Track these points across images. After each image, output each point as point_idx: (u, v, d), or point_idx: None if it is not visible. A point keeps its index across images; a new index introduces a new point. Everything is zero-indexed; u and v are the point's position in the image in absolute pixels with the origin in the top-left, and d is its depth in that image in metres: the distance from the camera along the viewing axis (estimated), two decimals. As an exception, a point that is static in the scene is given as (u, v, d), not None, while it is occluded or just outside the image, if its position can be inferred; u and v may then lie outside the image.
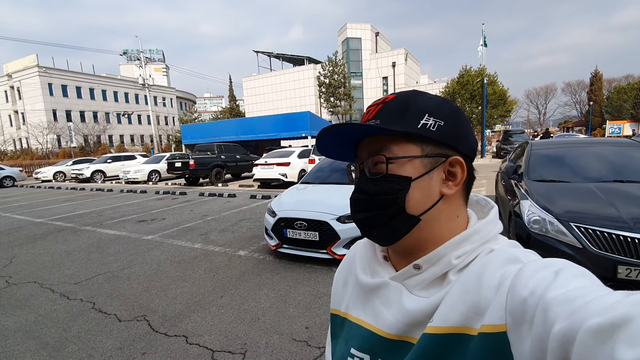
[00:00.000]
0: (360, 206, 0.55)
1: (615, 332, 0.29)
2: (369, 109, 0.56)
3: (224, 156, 14.43)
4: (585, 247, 2.65)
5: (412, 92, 0.55)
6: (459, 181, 0.53)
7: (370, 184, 0.54)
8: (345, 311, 0.63)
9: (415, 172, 0.52)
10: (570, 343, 0.32)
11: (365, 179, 0.55)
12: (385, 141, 0.53)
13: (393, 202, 0.51)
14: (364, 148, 0.56)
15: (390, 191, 0.52)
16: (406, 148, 0.52)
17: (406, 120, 0.52)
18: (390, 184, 0.52)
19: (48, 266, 4.62)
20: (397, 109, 0.53)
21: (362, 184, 0.55)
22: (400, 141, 0.52)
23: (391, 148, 0.52)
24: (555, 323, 0.34)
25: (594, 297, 0.34)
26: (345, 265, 0.70)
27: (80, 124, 40.07)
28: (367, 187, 0.54)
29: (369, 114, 0.55)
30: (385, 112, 0.53)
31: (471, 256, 0.50)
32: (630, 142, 4.16)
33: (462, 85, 26.50)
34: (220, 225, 6.54)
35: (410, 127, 0.51)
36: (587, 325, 0.31)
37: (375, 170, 0.53)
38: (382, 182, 0.52)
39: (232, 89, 47.90)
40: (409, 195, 0.51)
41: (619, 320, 0.29)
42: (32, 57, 41.24)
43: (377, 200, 0.53)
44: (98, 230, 6.65)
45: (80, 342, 2.71)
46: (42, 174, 20.15)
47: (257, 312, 3.05)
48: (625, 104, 39.36)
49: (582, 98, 58.40)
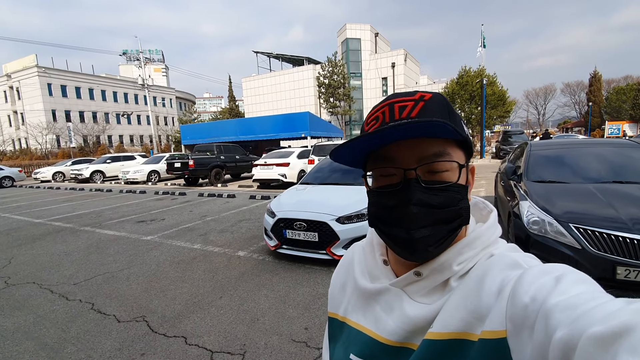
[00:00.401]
0: (423, 221, 0.48)
1: (618, 341, 0.29)
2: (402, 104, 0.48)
3: (224, 156, 14.43)
4: (584, 248, 2.65)
5: (441, 95, 0.51)
6: (471, 187, 0.54)
7: (430, 194, 0.48)
8: (344, 315, 0.62)
9: (465, 180, 0.51)
10: (571, 350, 0.32)
11: (421, 189, 0.48)
12: (443, 145, 0.48)
13: (458, 213, 0.48)
14: (409, 151, 0.48)
15: (454, 202, 0.48)
16: (459, 154, 0.50)
17: (457, 125, 0.48)
18: (453, 194, 0.48)
19: (47, 267, 4.61)
20: (444, 110, 0.49)
21: (420, 195, 0.48)
22: (453, 146, 0.49)
23: (450, 153, 0.48)
24: (556, 330, 0.34)
25: (595, 304, 0.34)
26: (343, 267, 0.68)
27: (79, 124, 40.06)
28: (429, 198, 0.48)
29: (406, 111, 0.48)
30: (431, 111, 0.48)
31: (472, 262, 0.50)
32: (629, 143, 4.16)
33: (461, 85, 26.50)
34: (220, 226, 6.54)
35: (463, 132, 0.49)
36: (589, 333, 0.31)
37: (434, 177, 0.48)
38: (445, 191, 0.48)
39: (231, 89, 47.92)
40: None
41: (621, 328, 0.29)
42: (31, 57, 41.20)
43: (443, 212, 0.48)
44: (97, 231, 6.64)
45: (79, 343, 2.70)
46: (41, 174, 20.10)
47: (256, 313, 3.05)
48: (624, 104, 39.39)
49: (581, 99, 58.47)
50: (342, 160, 0.53)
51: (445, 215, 0.48)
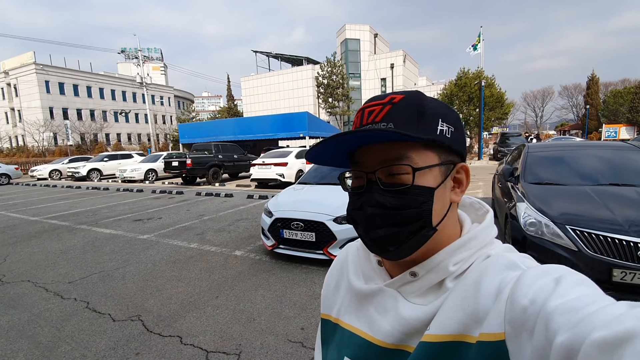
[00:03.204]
0: (379, 222, 0.49)
1: (621, 347, 0.29)
2: (372, 109, 0.50)
3: (222, 156, 14.39)
4: (581, 250, 2.65)
5: (419, 93, 0.51)
6: (465, 187, 0.53)
7: (387, 196, 0.49)
8: (337, 317, 0.61)
9: (435, 181, 0.49)
10: (574, 355, 0.31)
11: (381, 191, 0.49)
12: (404, 148, 0.48)
13: (418, 215, 0.48)
14: (373, 155, 0.50)
15: (413, 204, 0.48)
16: (425, 156, 0.49)
17: (424, 125, 0.48)
18: (414, 196, 0.48)
19: (42, 265, 4.58)
20: (412, 111, 0.48)
21: (377, 197, 0.49)
22: (418, 148, 0.48)
23: (411, 156, 0.48)
24: (557, 334, 0.33)
25: (597, 307, 0.33)
26: (337, 268, 0.68)
27: (77, 122, 39.91)
28: (386, 200, 0.48)
29: (373, 115, 0.50)
30: (396, 114, 0.48)
31: (468, 262, 0.49)
32: (626, 146, 4.18)
33: (459, 87, 26.57)
34: (217, 225, 6.52)
35: (431, 133, 0.48)
36: (592, 338, 0.30)
37: (393, 180, 0.49)
38: (404, 194, 0.48)
39: (230, 88, 47.85)
40: (433, 206, 0.49)
41: (625, 334, 0.29)
42: (29, 54, 41.00)
43: (400, 214, 0.48)
44: (93, 229, 6.61)
45: (73, 342, 2.68)
46: (38, 171, 20.01)
47: (252, 313, 3.04)
48: (622, 107, 39.66)
49: (578, 101, 58.75)
50: (319, 162, 0.57)
51: (402, 217, 0.48)
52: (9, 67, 42.87)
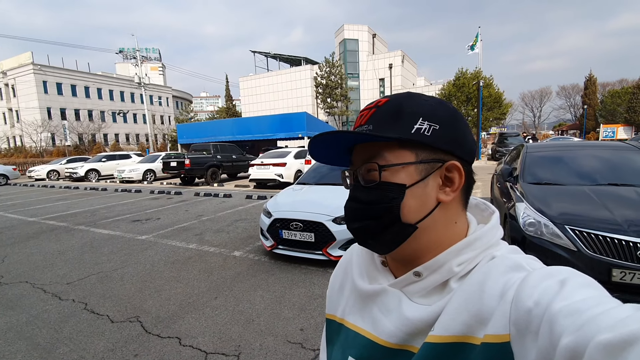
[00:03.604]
0: (354, 215, 0.54)
1: (627, 349, 0.29)
2: (362, 113, 0.54)
3: (220, 156, 14.37)
4: (580, 250, 2.65)
5: (406, 94, 0.53)
6: (457, 187, 0.51)
7: (363, 192, 0.52)
8: (341, 317, 0.61)
9: (409, 179, 0.50)
10: (578, 357, 0.31)
11: (359, 187, 0.53)
12: (379, 147, 0.51)
13: (387, 210, 0.50)
14: (358, 154, 0.54)
15: (384, 199, 0.50)
16: (399, 154, 0.50)
17: (399, 125, 0.50)
18: (384, 192, 0.50)
19: (40, 266, 4.56)
20: (390, 113, 0.51)
21: (356, 192, 0.54)
22: (393, 147, 0.50)
23: (384, 155, 0.50)
24: (562, 336, 0.33)
25: (602, 310, 0.33)
26: (341, 268, 0.68)
27: (75, 122, 39.69)
28: (361, 196, 0.52)
29: (362, 119, 0.53)
30: (378, 116, 0.51)
31: (473, 263, 0.49)
32: (624, 146, 4.19)
33: (458, 87, 26.63)
34: (216, 226, 6.50)
35: (403, 132, 0.49)
36: (597, 340, 0.30)
37: (369, 177, 0.52)
38: (376, 190, 0.51)
39: (228, 88, 47.75)
40: (404, 203, 0.49)
41: (630, 336, 0.29)
42: (27, 54, 40.88)
43: (371, 209, 0.51)
44: (91, 230, 6.58)
45: (71, 344, 2.67)
46: (36, 172, 19.93)
47: (251, 314, 3.03)
48: (619, 107, 39.80)
49: (576, 102, 59.01)
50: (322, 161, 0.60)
51: (372, 211, 0.51)
52: (7, 67, 42.71)
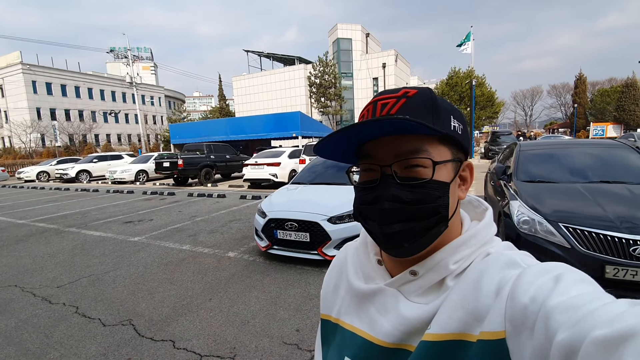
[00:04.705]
0: (394, 216, 0.48)
1: (622, 344, 0.29)
2: (385, 101, 0.49)
3: (214, 156, 14.27)
4: (574, 247, 2.67)
5: (428, 89, 0.50)
6: (469, 185, 0.53)
7: (404, 190, 0.48)
8: (337, 317, 0.61)
9: (449, 176, 0.50)
10: (574, 353, 0.31)
11: (395, 185, 0.48)
12: (420, 141, 0.48)
13: (434, 210, 0.48)
14: (387, 147, 0.49)
15: (431, 198, 0.48)
16: (441, 150, 0.49)
17: (440, 120, 0.48)
18: (430, 191, 0.48)
19: (30, 269, 4.47)
20: (427, 106, 0.48)
21: (392, 191, 0.48)
22: (434, 142, 0.48)
23: (429, 150, 0.48)
24: (557, 332, 0.33)
25: (598, 305, 0.33)
26: (336, 268, 0.67)
27: (65, 122, 39.12)
28: (402, 194, 0.48)
29: (387, 108, 0.48)
30: (413, 107, 0.48)
31: (468, 260, 0.49)
32: (615, 144, 4.24)
33: (451, 86, 26.82)
34: (210, 226, 6.45)
35: (446, 128, 0.48)
36: (592, 335, 0.30)
37: (410, 174, 0.48)
38: (422, 188, 0.47)
39: (221, 88, 47.46)
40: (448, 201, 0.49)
41: (626, 332, 0.29)
42: (15, 54, 40.13)
43: (417, 209, 0.47)
44: (83, 232, 6.48)
45: (62, 348, 2.61)
46: (25, 173, 19.58)
47: (246, 315, 3.00)
48: (609, 106, 40.41)
49: (567, 100, 59.78)
50: (327, 156, 0.55)
51: (419, 211, 0.47)
52: (-5, 67, 41.92)
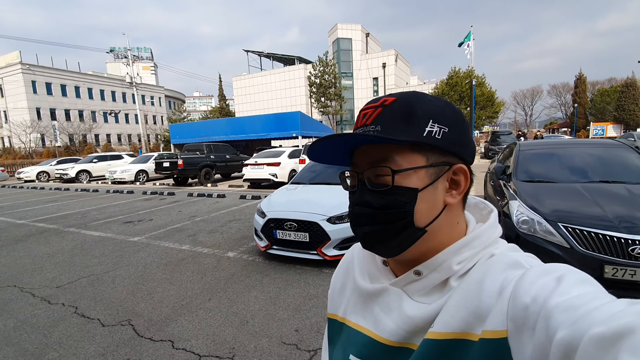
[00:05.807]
0: (363, 219, 0.52)
1: (619, 342, 0.29)
2: (366, 112, 0.52)
3: (214, 156, 14.27)
4: (573, 247, 2.67)
5: (412, 94, 0.51)
6: (463, 189, 0.52)
7: (373, 196, 0.50)
8: (343, 316, 0.62)
9: (420, 183, 0.49)
10: (573, 351, 0.32)
11: (367, 191, 0.51)
12: (389, 150, 0.49)
13: (400, 215, 0.49)
14: (363, 156, 0.52)
15: (396, 204, 0.49)
16: (411, 158, 0.49)
17: (411, 128, 0.48)
18: (396, 197, 0.49)
19: (29, 269, 4.47)
20: (399, 114, 0.49)
21: (364, 196, 0.52)
22: (404, 150, 0.49)
23: (395, 158, 0.49)
24: (557, 330, 0.34)
25: (597, 305, 0.34)
26: (343, 268, 0.69)
27: (65, 122, 39.10)
28: (371, 200, 0.50)
29: (366, 118, 0.51)
30: (385, 117, 0.49)
31: (472, 261, 0.50)
32: (615, 143, 4.23)
33: (451, 86, 26.80)
34: (209, 226, 6.45)
35: (415, 135, 0.48)
36: (590, 333, 0.31)
37: (378, 181, 0.50)
38: (387, 194, 0.49)
39: (221, 88, 47.43)
40: (416, 207, 0.49)
41: (623, 329, 0.29)
42: (14, 53, 40.11)
43: (383, 214, 0.50)
44: (82, 232, 6.48)
45: (61, 349, 2.61)
46: (25, 174, 19.58)
47: (245, 315, 3.00)
48: (609, 106, 40.38)
49: (567, 100, 59.75)
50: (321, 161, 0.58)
51: (385, 216, 0.49)
52: (-6, 67, 41.90)
